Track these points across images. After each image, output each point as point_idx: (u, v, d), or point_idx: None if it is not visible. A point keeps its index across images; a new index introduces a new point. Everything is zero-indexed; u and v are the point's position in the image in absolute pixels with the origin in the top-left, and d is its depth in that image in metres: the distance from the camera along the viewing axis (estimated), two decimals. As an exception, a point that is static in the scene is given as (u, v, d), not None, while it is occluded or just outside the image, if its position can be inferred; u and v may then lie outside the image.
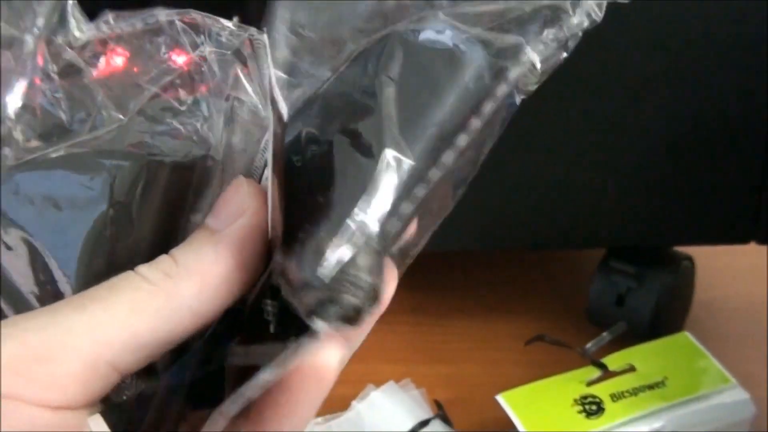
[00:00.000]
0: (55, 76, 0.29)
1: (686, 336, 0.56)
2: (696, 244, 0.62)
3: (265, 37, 0.26)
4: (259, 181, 0.28)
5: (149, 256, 0.26)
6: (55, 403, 0.24)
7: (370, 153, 0.25)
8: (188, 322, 0.25)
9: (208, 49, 0.28)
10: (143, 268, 0.26)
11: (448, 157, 0.25)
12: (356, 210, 0.24)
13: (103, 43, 0.30)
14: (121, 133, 0.29)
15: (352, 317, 0.24)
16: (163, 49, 0.29)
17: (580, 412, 0.50)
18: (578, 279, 0.65)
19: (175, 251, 0.26)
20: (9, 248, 0.27)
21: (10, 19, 0.29)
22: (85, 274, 0.27)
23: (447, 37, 0.27)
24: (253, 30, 0.27)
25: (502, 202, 0.57)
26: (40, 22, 0.29)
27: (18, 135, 0.29)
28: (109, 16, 0.30)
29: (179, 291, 0.25)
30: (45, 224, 0.27)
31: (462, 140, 0.25)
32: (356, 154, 0.25)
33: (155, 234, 0.28)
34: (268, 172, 0.26)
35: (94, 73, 0.29)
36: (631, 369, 0.53)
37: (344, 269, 0.23)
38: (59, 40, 0.30)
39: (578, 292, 0.63)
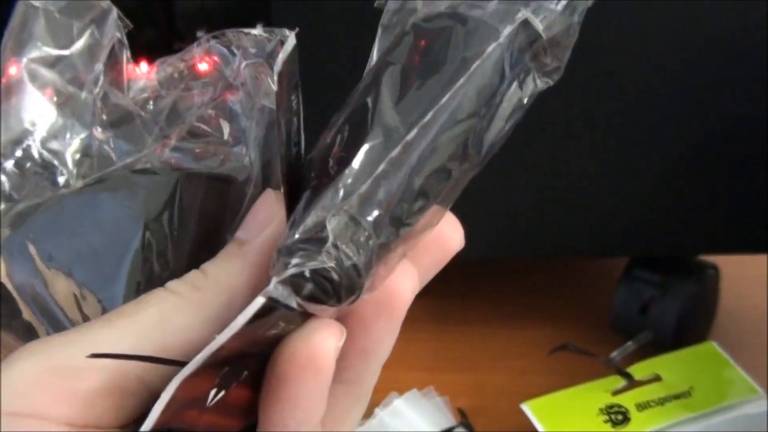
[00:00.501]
0: (109, 126, 0.30)
1: (712, 345, 0.55)
2: (721, 254, 0.61)
3: (293, 36, 0.26)
4: None
5: (185, 272, 0.26)
6: (82, 421, 0.23)
7: (365, 130, 0.24)
8: None
9: (243, 64, 0.28)
10: (173, 283, 0.26)
11: (433, 121, 0.24)
12: (341, 182, 0.23)
13: (153, 89, 0.30)
14: (157, 154, 0.30)
15: (326, 290, 0.23)
16: (201, 83, 0.30)
17: (605, 421, 0.50)
18: (602, 288, 0.64)
19: (205, 265, 0.26)
20: (53, 274, 0.28)
21: (70, 78, 0.30)
22: (129, 294, 0.27)
23: (449, 15, 0.26)
24: (285, 31, 0.27)
25: (526, 211, 0.57)
26: (98, 78, 0.30)
27: (75, 181, 0.30)
28: (157, 65, 0.31)
29: (209, 303, 0.25)
30: (90, 247, 0.28)
31: (446, 100, 0.25)
32: (353, 134, 0.25)
33: (192, 249, 0.28)
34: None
35: (144, 115, 0.30)
36: (657, 378, 0.53)
37: (317, 236, 0.23)
38: (114, 93, 0.31)
39: (602, 300, 0.62)
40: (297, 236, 0.23)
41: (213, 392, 0.23)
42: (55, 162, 0.29)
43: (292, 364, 0.24)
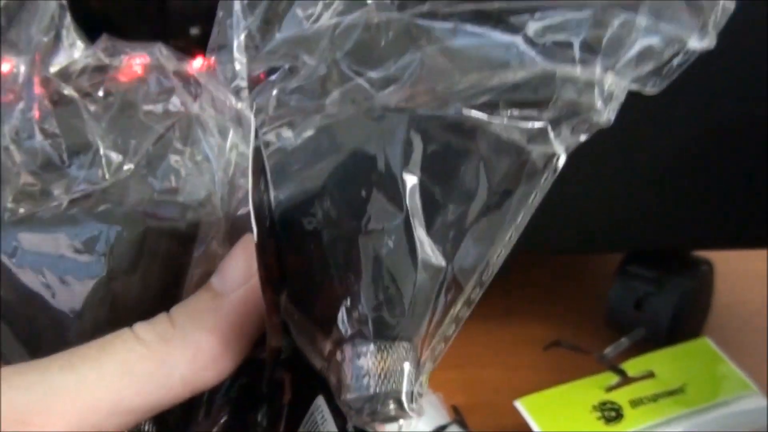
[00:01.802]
0: (50, 108, 0.28)
1: (706, 342, 0.55)
2: (715, 249, 0.61)
3: (253, 119, 0.25)
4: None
5: (151, 310, 0.25)
6: None
7: (402, 258, 0.24)
8: (179, 390, 0.25)
9: (206, 88, 0.27)
10: (140, 328, 0.25)
11: (482, 258, 0.25)
12: (400, 332, 0.24)
13: (101, 70, 0.28)
14: (124, 187, 0.28)
15: (392, 419, 0.24)
16: (159, 87, 0.28)
17: (599, 418, 0.50)
18: (596, 284, 0.64)
19: (175, 311, 0.25)
20: (12, 300, 0.27)
21: (8, 45, 0.27)
22: (85, 330, 0.27)
23: (470, 130, 0.25)
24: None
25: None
26: (38, 46, 0.27)
27: (17, 171, 0.27)
28: (107, 42, 0.28)
29: (172, 357, 0.24)
30: (45, 283, 0.27)
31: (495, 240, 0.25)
32: (388, 257, 0.24)
33: (157, 292, 0.28)
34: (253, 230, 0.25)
35: (92, 107, 0.28)
36: (651, 375, 0.53)
37: (386, 385, 0.24)
38: (53, 69, 0.28)
39: (596, 297, 0.62)
40: (362, 387, 0.24)
41: None
42: None
43: None
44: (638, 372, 0.53)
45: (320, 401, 0.26)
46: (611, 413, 0.50)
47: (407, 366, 0.24)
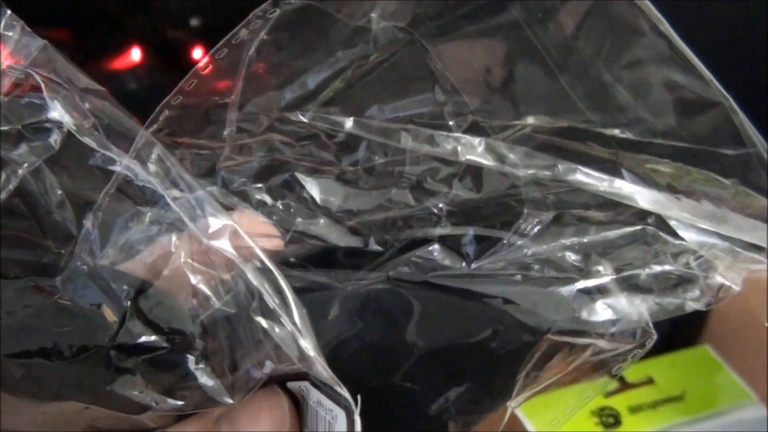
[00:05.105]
0: None
1: (706, 349, 0.55)
2: (716, 256, 0.61)
3: None
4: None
5: None
6: None
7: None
8: None
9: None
10: None
11: None
12: None
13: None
14: None
15: None
16: None
17: (597, 423, 0.49)
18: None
19: None
20: None
21: None
22: None
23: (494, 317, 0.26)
24: None
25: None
26: None
27: None
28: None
29: None
30: None
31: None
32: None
33: None
34: None
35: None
36: (650, 381, 0.52)
37: None
38: None
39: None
40: None
41: None
42: None
43: None
44: (637, 378, 0.52)
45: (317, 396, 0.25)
46: (609, 419, 0.49)
47: None
